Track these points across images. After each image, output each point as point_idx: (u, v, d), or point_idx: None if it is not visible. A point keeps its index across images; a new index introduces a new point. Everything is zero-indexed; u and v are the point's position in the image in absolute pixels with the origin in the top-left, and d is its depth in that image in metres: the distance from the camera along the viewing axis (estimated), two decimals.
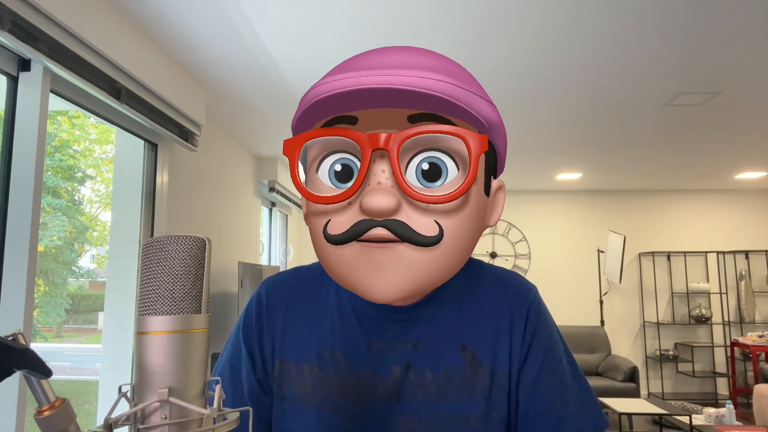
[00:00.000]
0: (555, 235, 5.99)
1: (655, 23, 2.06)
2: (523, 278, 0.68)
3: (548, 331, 0.65)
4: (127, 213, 2.46)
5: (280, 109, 3.06)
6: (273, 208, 4.66)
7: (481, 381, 0.61)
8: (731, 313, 5.77)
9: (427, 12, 1.97)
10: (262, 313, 0.67)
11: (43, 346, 5.02)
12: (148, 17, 1.98)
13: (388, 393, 0.60)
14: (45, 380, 0.36)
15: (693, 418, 3.73)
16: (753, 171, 4.96)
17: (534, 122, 3.36)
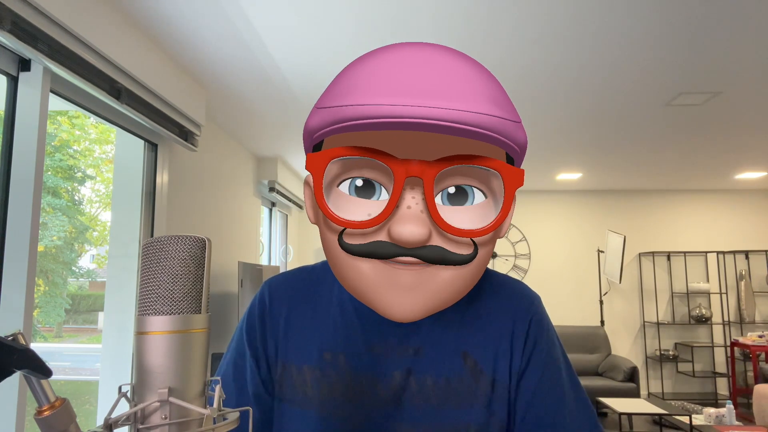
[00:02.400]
0: (555, 235, 5.99)
1: (655, 23, 2.06)
2: (526, 287, 0.68)
3: (549, 343, 0.65)
4: (127, 213, 2.46)
5: (280, 109, 3.06)
6: (273, 208, 4.66)
7: (482, 389, 0.61)
8: (731, 313, 5.77)
9: (427, 12, 1.97)
10: (265, 314, 0.67)
11: (43, 346, 5.02)
12: (148, 17, 1.98)
13: (388, 398, 0.60)
14: (45, 380, 0.36)
15: (693, 418, 3.73)
16: (753, 171, 4.96)
17: (534, 122, 3.37)
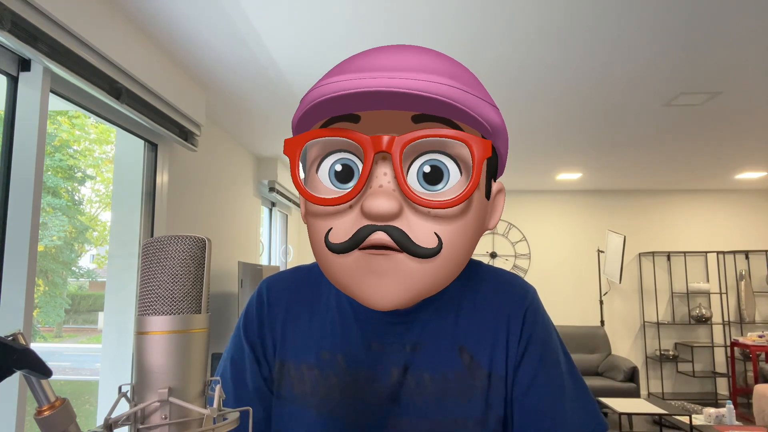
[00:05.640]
0: (555, 235, 5.99)
1: (655, 23, 2.06)
2: (521, 279, 0.68)
3: (545, 333, 0.64)
4: (127, 213, 2.46)
5: (280, 109, 3.06)
6: (273, 208, 4.66)
7: (479, 383, 0.61)
8: (731, 313, 5.77)
9: (424, 12, 1.97)
10: (263, 312, 0.67)
11: (43, 346, 5.02)
12: (148, 17, 1.98)
13: (386, 395, 0.60)
14: (45, 380, 0.36)
15: (693, 418, 3.73)
16: (753, 171, 4.96)
17: (534, 122, 3.37)
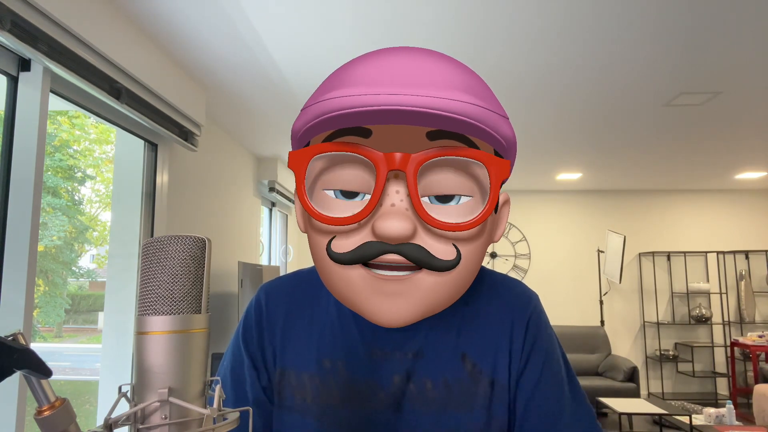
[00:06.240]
0: (555, 235, 5.99)
1: (655, 23, 2.06)
2: (524, 286, 0.67)
3: (548, 342, 0.64)
4: (127, 213, 2.45)
5: (280, 109, 3.06)
6: (273, 208, 4.66)
7: (482, 391, 0.60)
8: (731, 313, 5.77)
9: (424, 13, 1.97)
10: (262, 320, 0.65)
11: (43, 346, 5.02)
12: (148, 17, 1.98)
13: (388, 403, 0.60)
14: (45, 380, 0.36)
15: (693, 418, 3.73)
16: (753, 171, 4.96)
17: (534, 122, 3.37)
